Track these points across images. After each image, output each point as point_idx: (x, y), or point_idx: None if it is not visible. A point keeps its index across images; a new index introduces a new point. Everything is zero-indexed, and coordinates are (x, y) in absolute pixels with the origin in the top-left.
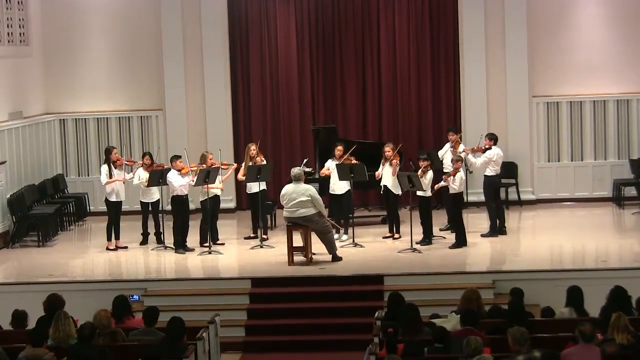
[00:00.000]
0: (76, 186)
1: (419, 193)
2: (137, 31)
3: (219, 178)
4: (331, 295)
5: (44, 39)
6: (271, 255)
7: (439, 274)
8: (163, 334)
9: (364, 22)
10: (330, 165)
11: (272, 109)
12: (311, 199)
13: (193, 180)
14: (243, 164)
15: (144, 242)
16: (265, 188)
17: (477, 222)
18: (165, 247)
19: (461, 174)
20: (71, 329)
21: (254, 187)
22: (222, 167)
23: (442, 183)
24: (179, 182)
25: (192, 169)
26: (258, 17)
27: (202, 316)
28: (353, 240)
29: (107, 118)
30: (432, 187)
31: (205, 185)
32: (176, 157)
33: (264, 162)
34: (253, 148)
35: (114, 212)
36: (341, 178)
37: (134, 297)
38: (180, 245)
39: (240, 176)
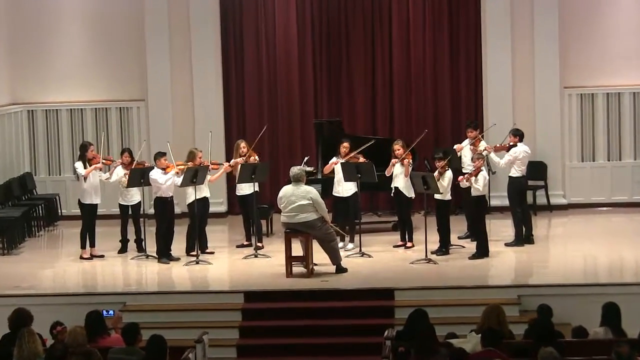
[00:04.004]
0: (46, 186)
1: (436, 196)
2: (115, 12)
3: (207, 178)
4: (335, 312)
5: (10, 21)
6: (267, 265)
7: (457, 288)
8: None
9: (373, 5)
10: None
11: (269, 101)
12: (312, 203)
13: (179, 174)
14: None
15: (123, 250)
16: (258, 190)
17: (500, 229)
18: (147, 256)
19: (484, 174)
20: (37, 347)
21: (245, 189)
22: (211, 166)
23: (465, 183)
24: (164, 178)
25: (178, 167)
26: None
27: (189, 334)
28: (360, 250)
29: (81, 109)
30: (457, 184)
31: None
32: (160, 155)
33: (257, 161)
34: (243, 145)
35: (89, 216)
36: (347, 179)
37: (109, 312)
38: (164, 254)
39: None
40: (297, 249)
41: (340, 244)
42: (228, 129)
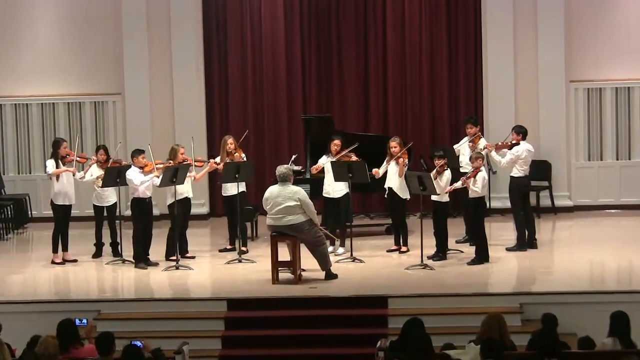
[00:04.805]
0: (15, 186)
1: (433, 198)
2: None
3: (190, 178)
4: (324, 320)
5: None
6: (252, 271)
7: (455, 296)
8: None
9: None
10: (325, 163)
11: (254, 96)
12: (300, 204)
13: (159, 176)
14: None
15: (98, 254)
16: (244, 190)
17: (501, 232)
18: (123, 261)
19: (483, 174)
20: (5, 357)
21: (231, 189)
22: (195, 164)
23: (459, 184)
24: (141, 179)
25: (157, 165)
26: None
27: (168, 344)
28: (351, 254)
29: (53, 103)
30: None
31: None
32: (138, 152)
33: (244, 159)
34: (230, 142)
35: (62, 218)
36: (337, 178)
37: (83, 321)
38: (142, 259)
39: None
40: (284, 254)
41: (330, 249)
42: (210, 124)
